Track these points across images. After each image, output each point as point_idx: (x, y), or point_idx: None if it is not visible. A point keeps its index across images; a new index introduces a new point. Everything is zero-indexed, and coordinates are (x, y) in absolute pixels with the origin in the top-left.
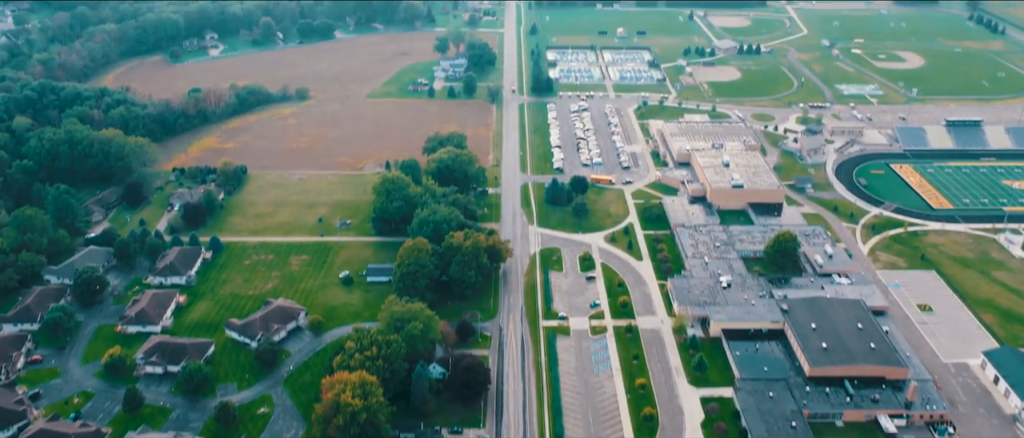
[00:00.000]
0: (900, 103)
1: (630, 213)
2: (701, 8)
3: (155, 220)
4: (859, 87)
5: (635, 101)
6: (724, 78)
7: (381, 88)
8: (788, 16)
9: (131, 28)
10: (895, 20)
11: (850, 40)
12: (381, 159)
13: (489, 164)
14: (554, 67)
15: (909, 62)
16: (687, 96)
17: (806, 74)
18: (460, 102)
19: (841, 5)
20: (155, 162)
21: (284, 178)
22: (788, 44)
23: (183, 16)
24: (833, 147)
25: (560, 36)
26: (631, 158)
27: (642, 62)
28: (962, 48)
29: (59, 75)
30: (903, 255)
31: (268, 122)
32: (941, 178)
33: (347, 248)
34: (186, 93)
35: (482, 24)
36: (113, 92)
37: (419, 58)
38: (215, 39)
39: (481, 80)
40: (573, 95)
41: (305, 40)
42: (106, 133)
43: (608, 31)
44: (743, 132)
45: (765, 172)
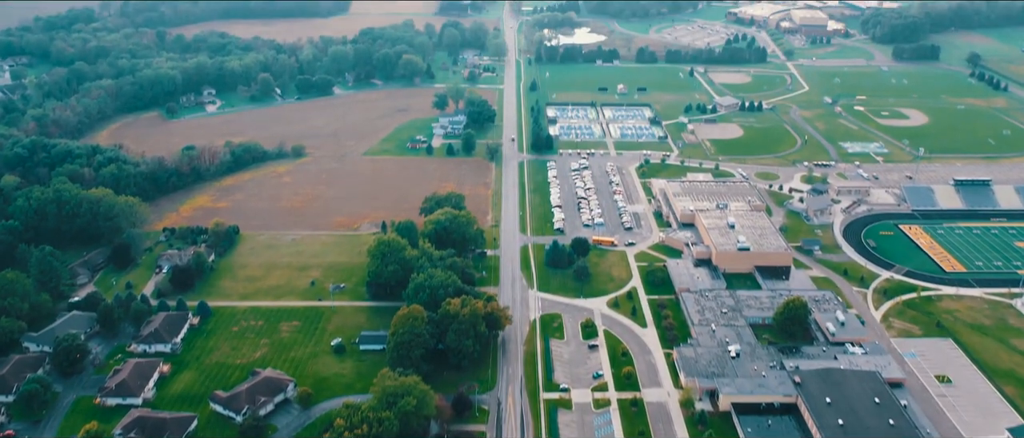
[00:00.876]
0: (906, 161)
1: (633, 277)
2: (701, 65)
3: (142, 283)
4: (863, 145)
5: (637, 159)
6: (726, 135)
7: (379, 145)
8: (789, 72)
9: (128, 84)
10: (896, 77)
11: (852, 97)
12: (377, 219)
13: (488, 224)
14: (554, 124)
15: (913, 119)
16: (689, 154)
17: (809, 131)
18: (459, 160)
19: (841, 62)
20: (145, 222)
21: (277, 239)
22: (790, 101)
23: (181, 72)
24: (840, 207)
25: (560, 92)
26: (633, 218)
27: (643, 119)
28: (965, 105)
29: (52, 131)
30: (917, 322)
31: (263, 180)
32: (952, 240)
33: (340, 313)
34: (180, 150)
35: (482, 80)
36: (105, 149)
37: (418, 115)
38: (213, 95)
39: (480, 137)
40: (573, 153)
41: (303, 96)
42: (95, 192)
43: (608, 87)
44: (747, 192)
45: (771, 234)
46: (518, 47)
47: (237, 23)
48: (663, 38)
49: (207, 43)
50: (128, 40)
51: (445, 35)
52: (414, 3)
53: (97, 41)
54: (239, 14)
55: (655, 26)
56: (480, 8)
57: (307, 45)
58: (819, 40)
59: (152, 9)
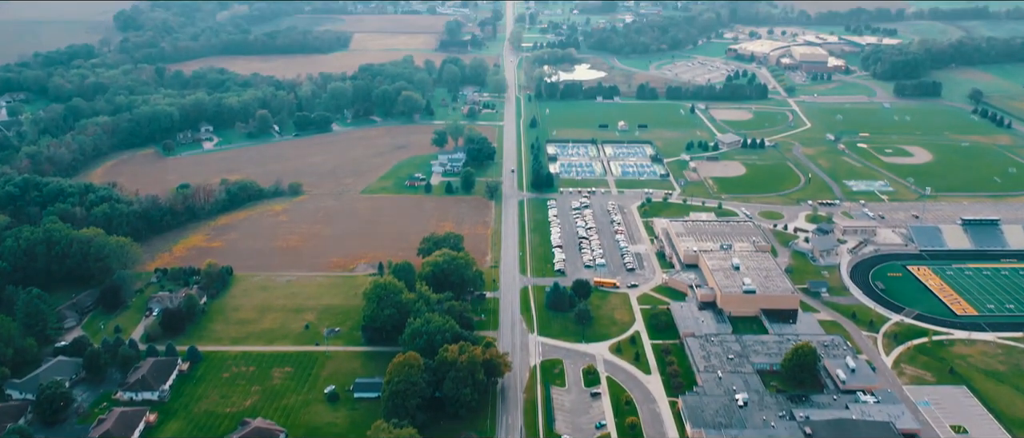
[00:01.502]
0: (911, 200)
1: (636, 320)
2: (702, 101)
3: (132, 326)
4: (868, 183)
5: (638, 197)
6: (729, 173)
7: (377, 183)
8: (790, 109)
9: (124, 120)
10: (899, 113)
11: (855, 134)
12: (374, 259)
13: (487, 265)
14: (554, 161)
15: (917, 157)
16: (692, 192)
17: (813, 169)
18: (458, 198)
19: (843, 98)
20: (137, 263)
21: (271, 280)
22: (792, 138)
23: (178, 108)
24: (846, 247)
25: (560, 129)
26: (636, 259)
27: (644, 156)
28: (970, 142)
29: (46, 169)
30: (930, 368)
31: (258, 219)
32: (961, 281)
33: (334, 358)
34: (175, 188)
35: (481, 117)
36: (98, 188)
37: (417, 152)
38: (210, 131)
39: (480, 175)
40: (574, 191)
41: (301, 133)
42: (86, 232)
43: (609, 124)
44: (752, 232)
45: (777, 275)
46: (518, 83)
47: (236, 59)
48: (663, 74)
49: (206, 79)
50: (127, 76)
51: (445, 71)
52: (414, 39)
53: (95, 77)
54: (238, 50)
55: (655, 62)
56: (480, 44)
57: (306, 81)
58: (820, 76)
59: (151, 45)
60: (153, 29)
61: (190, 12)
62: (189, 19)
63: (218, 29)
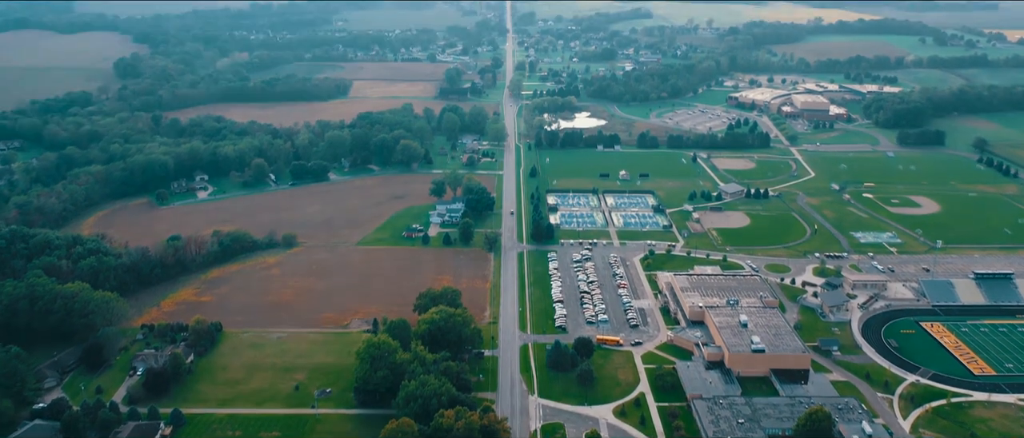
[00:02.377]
0: (921, 252)
1: (641, 381)
2: (704, 150)
3: (114, 387)
4: (876, 235)
5: (641, 249)
6: (733, 224)
7: (373, 234)
8: (793, 158)
9: (118, 169)
10: (903, 163)
11: (860, 184)
12: (369, 315)
13: (486, 321)
14: (555, 212)
15: (924, 207)
16: (695, 244)
17: (818, 220)
18: (456, 250)
19: (846, 147)
20: (122, 319)
21: (262, 337)
22: (796, 187)
23: (173, 157)
24: (856, 303)
25: (561, 179)
26: (639, 315)
27: (646, 207)
28: (977, 192)
29: (36, 219)
30: (950, 432)
31: (250, 272)
32: (977, 338)
33: (325, 422)
34: (165, 240)
35: (480, 166)
36: (86, 240)
37: (415, 201)
38: (205, 181)
39: (479, 226)
40: (575, 242)
41: (297, 182)
42: (71, 287)
43: (610, 173)
44: (759, 286)
45: (787, 333)
46: (518, 131)
47: (235, 107)
48: (664, 123)
49: (202, 127)
50: (123, 124)
51: (444, 119)
52: (414, 86)
53: (91, 125)
54: (237, 98)
55: (655, 111)
56: (480, 92)
57: (304, 129)
58: (822, 125)
59: (150, 93)
60: (152, 77)
61: (190, 59)
62: (189, 66)
63: (217, 76)
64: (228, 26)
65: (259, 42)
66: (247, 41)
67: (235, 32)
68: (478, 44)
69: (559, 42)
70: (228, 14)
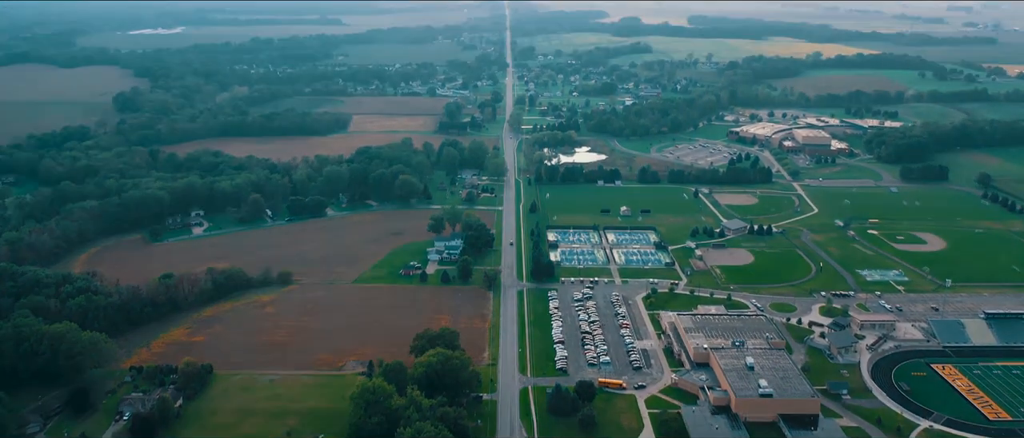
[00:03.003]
0: (928, 290)
1: (645, 427)
2: (705, 185)
3: (100, 432)
4: (882, 273)
5: (643, 288)
6: (737, 262)
7: (371, 271)
8: (796, 194)
9: (113, 205)
10: (907, 198)
11: (864, 220)
12: (364, 356)
13: (484, 362)
14: (555, 249)
15: (930, 244)
16: (699, 282)
17: (823, 257)
18: (454, 288)
19: (849, 182)
20: (111, 360)
21: (254, 379)
22: (800, 224)
23: (169, 192)
24: (865, 344)
25: (561, 215)
26: (642, 356)
27: (648, 243)
28: (983, 228)
29: (26, 256)
30: None
31: (244, 311)
32: (990, 381)
33: None
34: (157, 278)
35: (480, 201)
36: (76, 278)
37: (413, 238)
38: (200, 216)
39: (478, 264)
40: (576, 281)
41: (295, 218)
42: (58, 327)
43: (611, 209)
44: (764, 327)
45: (795, 376)
46: (517, 166)
47: (233, 141)
48: (665, 158)
49: (200, 162)
50: (119, 159)
51: (443, 154)
52: (414, 121)
53: (88, 159)
54: (236, 132)
55: (656, 145)
56: (480, 126)
57: (302, 164)
58: (824, 160)
59: (148, 127)
60: (151, 111)
61: (190, 93)
62: (189, 100)
63: (216, 111)
64: (229, 60)
65: (259, 76)
66: (247, 75)
67: (236, 66)
68: (478, 78)
69: (559, 76)
70: (229, 49)
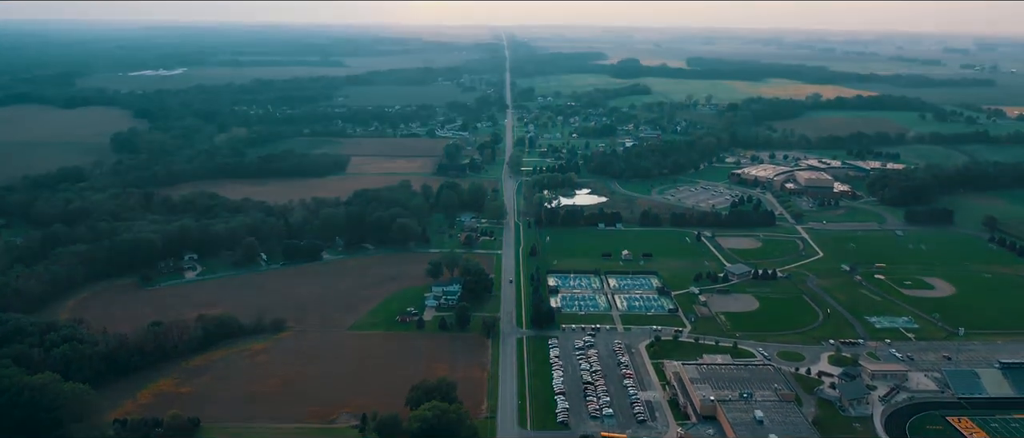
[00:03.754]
0: (940, 338)
1: None
2: (708, 229)
3: None
4: (891, 320)
5: (646, 335)
6: (742, 308)
7: (367, 318)
8: (800, 237)
9: (104, 248)
10: (913, 241)
11: (870, 264)
12: (358, 408)
13: (483, 415)
14: (556, 294)
15: (939, 289)
16: (703, 329)
17: (830, 303)
18: (452, 336)
19: (853, 225)
20: (94, 413)
21: (242, 433)
22: (805, 268)
23: (162, 236)
24: (877, 395)
25: (561, 259)
26: (646, 408)
27: (651, 289)
28: (991, 273)
29: (12, 303)
30: None
31: (235, 359)
32: (1008, 436)
33: None
34: (146, 326)
35: (479, 245)
36: (61, 326)
37: (410, 283)
38: (194, 260)
39: (476, 310)
40: (577, 328)
41: (289, 262)
42: (40, 378)
43: (612, 253)
44: (772, 377)
45: (806, 430)
46: (517, 208)
47: (230, 183)
48: (666, 200)
49: (195, 205)
50: (113, 201)
51: (442, 196)
52: (412, 162)
53: (81, 201)
54: (233, 174)
55: (657, 187)
56: (479, 168)
57: (298, 207)
58: (827, 202)
59: (144, 168)
60: (148, 152)
61: (189, 134)
62: (187, 141)
63: (214, 152)
64: (229, 101)
65: (259, 117)
66: (247, 116)
67: (236, 107)
68: (478, 120)
69: (558, 118)
70: (231, 89)
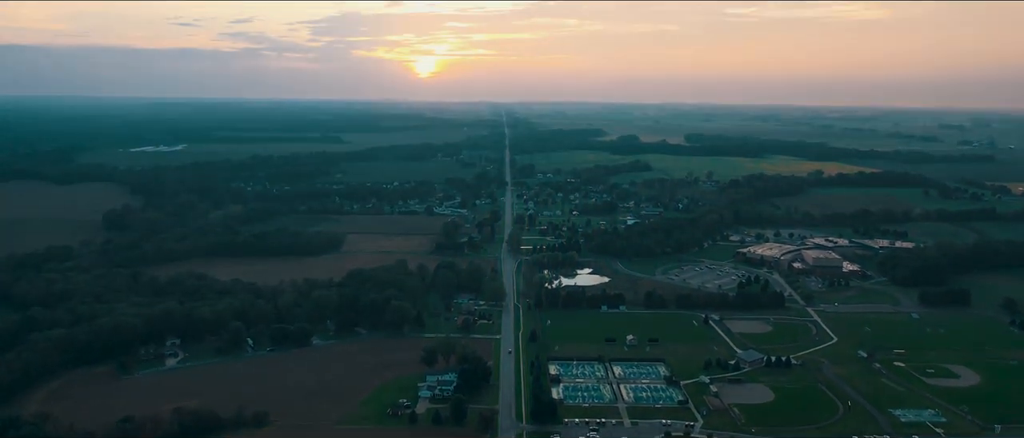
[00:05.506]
0: (971, 433)
1: None
2: (715, 311)
3: None
4: (916, 413)
5: (655, 430)
6: (756, 400)
7: (357, 409)
8: (812, 320)
9: (82, 333)
10: (931, 325)
11: (889, 350)
12: None
13: None
14: (557, 384)
15: (963, 378)
16: (716, 424)
17: (850, 394)
18: (447, 431)
19: (866, 307)
20: None
21: None
22: (819, 354)
23: (144, 320)
24: None
25: (563, 344)
26: None
27: (658, 378)
28: (1017, 360)
29: None
30: None
31: None
32: None
33: None
34: (116, 422)
35: (476, 329)
36: (22, 423)
37: (404, 370)
38: (176, 346)
39: (473, 402)
40: (581, 422)
41: (277, 348)
42: None
43: (617, 338)
44: None
45: None
46: (516, 289)
47: (222, 262)
48: (670, 280)
49: (182, 285)
50: (98, 281)
51: (439, 277)
52: (410, 241)
53: (64, 282)
54: (225, 252)
55: (660, 267)
56: (478, 247)
57: (289, 288)
58: (837, 282)
59: (134, 247)
60: (140, 229)
61: (183, 211)
62: (180, 219)
63: (207, 230)
64: (226, 178)
65: (255, 194)
66: (243, 193)
67: (233, 184)
68: (477, 197)
69: (559, 195)
70: (229, 165)
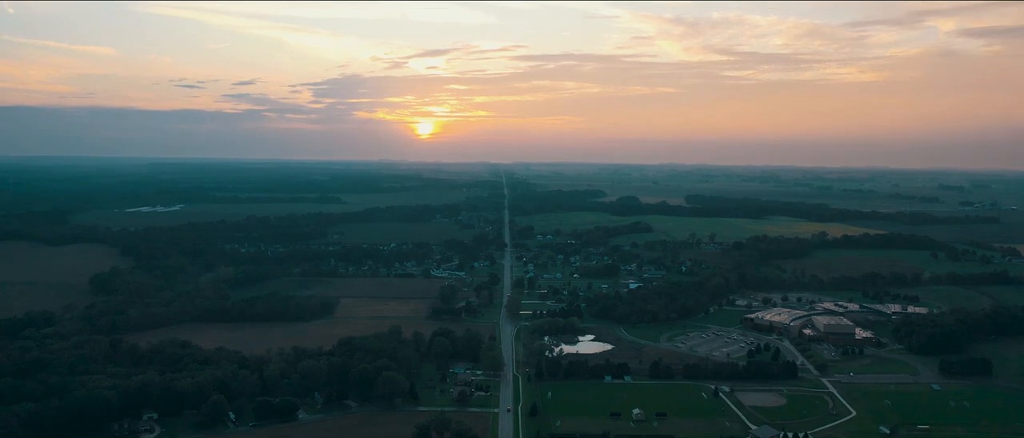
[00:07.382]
0: None
1: None
2: (725, 382)
3: None
4: None
5: None
6: None
7: None
8: (827, 392)
9: (52, 408)
10: (954, 398)
11: (913, 425)
12: None
13: None
14: None
15: None
16: None
17: None
18: None
19: (883, 378)
20: None
21: None
22: (838, 430)
23: (119, 392)
24: None
25: (565, 419)
26: None
27: None
28: None
29: None
30: None
31: None
32: None
33: None
34: None
35: (473, 402)
36: None
37: None
38: (153, 421)
39: None
40: None
41: (260, 423)
42: None
43: (622, 412)
44: None
45: None
46: (515, 358)
47: (208, 328)
48: (676, 348)
49: (163, 354)
50: (76, 350)
51: (434, 345)
52: (405, 305)
53: (39, 351)
54: (213, 317)
55: (665, 334)
56: (475, 311)
57: (276, 358)
58: (851, 350)
59: (118, 312)
60: (126, 293)
61: (173, 273)
62: (169, 281)
63: (195, 294)
64: (220, 239)
65: (249, 255)
66: (237, 254)
67: (227, 245)
68: (475, 258)
69: (559, 257)
70: (224, 226)
